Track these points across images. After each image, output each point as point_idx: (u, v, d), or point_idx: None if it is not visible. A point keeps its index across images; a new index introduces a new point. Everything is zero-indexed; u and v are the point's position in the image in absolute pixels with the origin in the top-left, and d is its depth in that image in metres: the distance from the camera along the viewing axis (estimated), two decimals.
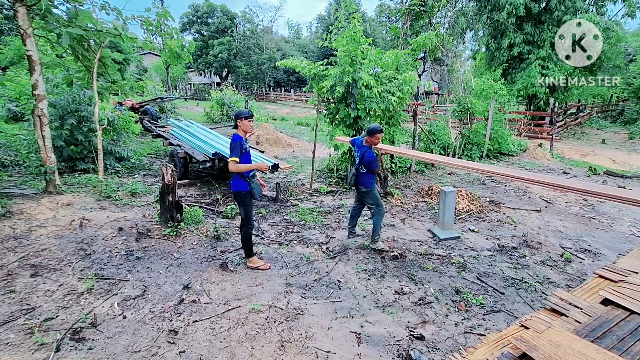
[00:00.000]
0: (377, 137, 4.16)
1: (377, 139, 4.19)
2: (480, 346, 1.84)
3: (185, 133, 7.87)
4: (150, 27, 5.92)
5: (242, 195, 3.73)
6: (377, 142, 4.25)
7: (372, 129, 4.16)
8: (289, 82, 46.76)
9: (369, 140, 4.20)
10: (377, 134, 4.14)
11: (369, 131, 4.18)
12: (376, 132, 4.13)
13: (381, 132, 4.17)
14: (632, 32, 23.89)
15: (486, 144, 10.92)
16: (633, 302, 1.95)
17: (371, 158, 4.17)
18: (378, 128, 4.14)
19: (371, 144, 4.23)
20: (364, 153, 4.20)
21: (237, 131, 3.68)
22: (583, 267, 4.36)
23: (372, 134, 4.15)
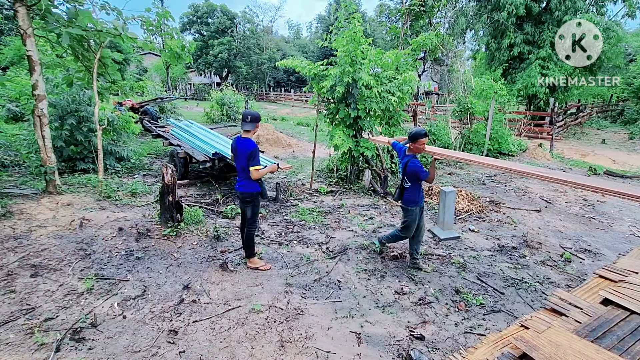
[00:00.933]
0: (421, 142, 3.61)
1: (422, 145, 3.64)
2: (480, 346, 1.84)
3: (185, 133, 7.87)
4: (150, 27, 5.91)
5: (254, 196, 3.76)
6: (423, 148, 3.70)
7: (414, 134, 3.60)
8: (289, 82, 46.76)
9: (413, 148, 3.67)
10: (421, 139, 3.59)
11: (411, 137, 3.65)
12: (419, 136, 3.58)
13: (425, 136, 3.59)
14: (632, 32, 23.89)
15: (486, 144, 10.92)
16: (633, 302, 1.95)
17: (415, 167, 3.57)
18: (421, 132, 3.59)
19: (416, 151, 3.71)
20: (406, 163, 3.66)
21: (251, 135, 3.65)
22: (583, 267, 4.36)
23: (414, 140, 3.61)
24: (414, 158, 3.69)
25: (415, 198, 3.76)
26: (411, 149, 3.71)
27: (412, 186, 3.71)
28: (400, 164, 3.84)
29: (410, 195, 3.76)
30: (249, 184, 3.69)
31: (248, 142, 3.59)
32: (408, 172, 3.65)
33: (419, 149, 3.68)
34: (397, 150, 4.02)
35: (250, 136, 3.65)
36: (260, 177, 3.66)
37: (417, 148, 3.68)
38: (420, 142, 3.61)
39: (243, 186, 3.72)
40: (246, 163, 3.57)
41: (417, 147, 3.67)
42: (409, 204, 3.79)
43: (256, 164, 3.57)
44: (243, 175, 3.69)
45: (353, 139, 6.84)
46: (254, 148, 3.56)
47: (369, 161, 7.24)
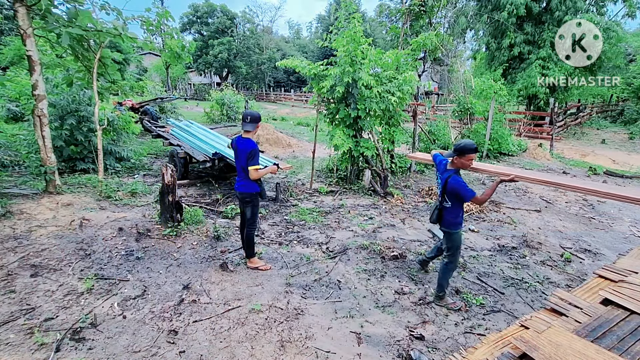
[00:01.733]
0: (469, 157, 3.07)
1: (470, 160, 3.11)
2: (480, 346, 1.84)
3: (185, 133, 7.87)
4: (150, 27, 5.91)
5: (253, 197, 3.76)
6: (469, 165, 3.18)
7: (462, 147, 3.04)
8: (289, 82, 46.75)
9: (458, 162, 3.13)
10: (470, 154, 3.04)
11: (458, 150, 3.07)
12: (468, 150, 3.03)
13: (475, 151, 3.06)
14: (632, 32, 23.89)
15: (486, 144, 10.92)
16: (633, 302, 1.95)
17: (458, 185, 3.03)
18: (472, 146, 3.04)
19: (460, 166, 3.17)
20: (446, 179, 3.11)
21: (251, 135, 3.66)
22: (583, 267, 4.36)
23: (462, 154, 3.06)
24: (456, 174, 3.14)
25: (457, 220, 3.24)
26: (455, 163, 3.16)
27: (453, 206, 3.18)
28: (439, 179, 3.31)
29: (451, 216, 3.22)
30: (248, 184, 3.69)
31: (248, 141, 3.60)
32: (449, 189, 3.10)
33: (465, 164, 3.14)
34: (436, 163, 3.49)
35: (251, 136, 3.66)
36: (260, 177, 3.65)
37: (462, 163, 3.13)
38: (468, 157, 3.07)
39: (242, 186, 3.72)
40: (246, 163, 3.58)
41: (463, 163, 3.12)
42: (451, 227, 3.27)
43: (255, 164, 3.58)
44: (242, 175, 3.69)
45: (353, 139, 6.84)
46: (253, 148, 3.56)
47: (369, 161, 7.24)
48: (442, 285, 3.43)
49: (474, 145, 3.06)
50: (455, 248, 3.34)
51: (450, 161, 3.22)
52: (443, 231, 3.38)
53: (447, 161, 3.28)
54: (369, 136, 7.13)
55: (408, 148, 9.56)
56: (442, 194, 3.21)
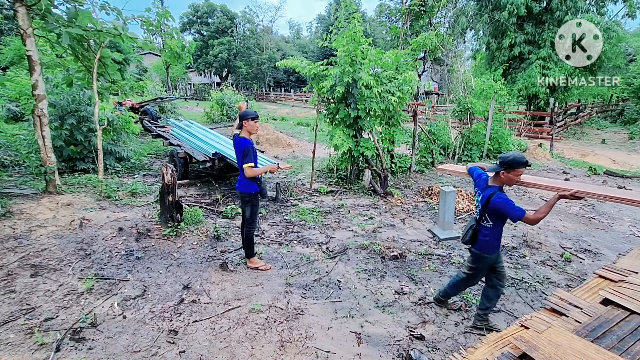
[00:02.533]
0: (518, 172, 2.67)
1: (519, 176, 2.71)
2: (480, 346, 1.84)
3: (185, 133, 7.87)
4: (150, 27, 5.91)
5: (252, 196, 3.74)
6: (517, 180, 2.76)
7: (512, 161, 2.63)
8: (289, 82, 46.75)
9: (505, 178, 2.71)
10: (520, 168, 2.65)
11: (506, 164, 2.65)
12: (518, 164, 2.62)
13: (526, 165, 2.66)
14: (632, 32, 23.89)
15: (486, 144, 10.91)
16: (633, 302, 1.95)
17: (505, 203, 2.62)
18: (521, 159, 2.63)
19: (507, 182, 2.75)
20: (489, 196, 2.72)
21: (242, 132, 3.63)
22: (583, 267, 4.36)
23: (511, 168, 2.64)
24: (501, 191, 2.74)
25: (495, 242, 2.88)
26: (500, 178, 2.74)
27: (494, 227, 2.81)
28: (479, 196, 2.91)
29: (489, 238, 2.84)
30: (247, 183, 3.68)
31: (242, 139, 3.59)
32: (492, 208, 2.71)
33: (513, 180, 2.72)
34: (474, 178, 3.12)
35: (244, 134, 3.63)
36: (255, 175, 3.60)
37: (510, 179, 2.70)
38: (517, 172, 2.66)
39: (241, 185, 3.72)
40: (241, 161, 3.57)
41: (511, 178, 2.70)
42: (485, 250, 2.89)
43: (249, 162, 3.52)
44: (242, 174, 3.68)
45: (353, 139, 6.84)
46: (246, 146, 3.54)
47: (369, 161, 7.24)
48: (451, 290, 3.27)
49: (524, 158, 2.65)
50: (480, 271, 3.03)
51: (494, 176, 2.81)
52: (474, 253, 2.98)
53: (487, 176, 2.90)
54: (369, 136, 7.13)
55: (408, 148, 9.56)
56: (482, 212, 2.83)
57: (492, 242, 2.86)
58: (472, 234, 2.92)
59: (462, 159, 10.53)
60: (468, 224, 3.03)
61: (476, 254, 2.95)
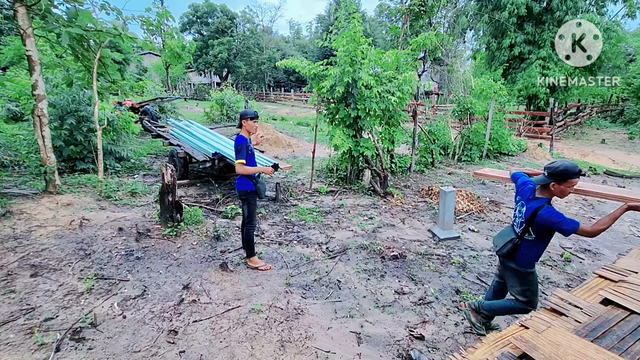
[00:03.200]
0: (572, 183, 2.39)
1: (572, 186, 2.42)
2: (480, 346, 1.84)
3: (185, 133, 7.87)
4: (150, 27, 5.91)
5: (248, 195, 3.76)
6: (570, 192, 2.50)
7: (563, 171, 2.36)
8: (289, 82, 46.75)
9: (556, 190, 2.43)
10: (573, 179, 2.38)
11: (556, 173, 2.38)
12: (571, 174, 2.36)
13: (579, 175, 2.39)
14: (632, 32, 23.89)
15: (486, 144, 10.92)
16: (633, 302, 1.95)
17: (555, 218, 2.36)
18: (575, 169, 2.36)
19: (559, 194, 2.46)
20: (536, 209, 2.44)
21: (241, 132, 3.68)
22: (583, 267, 4.36)
23: (563, 179, 2.37)
24: (549, 204, 2.46)
25: (536, 258, 2.61)
26: (551, 190, 2.46)
27: (538, 240, 2.54)
28: (522, 207, 2.60)
29: (531, 251, 2.58)
30: (243, 181, 3.71)
31: (238, 137, 3.65)
32: (539, 222, 2.43)
33: (565, 192, 2.44)
34: (518, 186, 2.77)
35: (243, 132, 3.68)
36: (246, 173, 3.62)
37: (562, 191, 2.42)
38: (570, 182, 2.39)
39: (239, 184, 3.76)
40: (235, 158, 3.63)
41: (563, 190, 2.42)
42: (527, 266, 2.60)
43: (240, 158, 3.56)
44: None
45: (353, 139, 6.84)
46: (239, 143, 3.58)
47: (369, 161, 7.24)
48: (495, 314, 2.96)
49: (577, 167, 2.36)
50: (534, 292, 2.67)
51: (541, 187, 2.53)
52: (513, 270, 2.66)
53: (534, 186, 2.61)
54: (368, 136, 7.13)
55: (408, 148, 9.56)
56: (527, 226, 2.53)
57: (532, 257, 2.59)
58: (511, 247, 2.62)
59: (462, 159, 10.53)
60: (505, 235, 2.71)
61: (518, 271, 2.64)
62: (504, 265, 2.76)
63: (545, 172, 2.46)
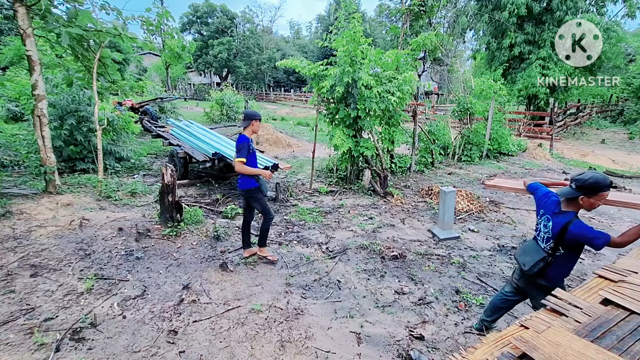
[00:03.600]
0: (602, 196, 2.26)
1: (602, 199, 2.29)
2: (480, 346, 1.84)
3: (185, 133, 7.87)
4: (150, 27, 5.91)
5: (252, 192, 3.81)
6: (599, 205, 2.34)
7: (594, 184, 2.22)
8: (288, 82, 46.77)
9: (585, 203, 2.29)
10: (604, 192, 2.25)
11: (587, 188, 2.24)
12: (603, 188, 2.23)
13: (609, 187, 2.26)
14: (632, 32, 23.90)
15: (486, 144, 10.92)
16: (633, 302, 1.95)
17: (586, 233, 2.24)
18: (605, 182, 2.24)
19: (588, 208, 2.33)
20: (565, 225, 2.31)
21: (244, 131, 3.75)
22: (583, 267, 4.36)
23: (593, 192, 2.24)
24: (577, 217, 2.32)
25: (568, 272, 2.47)
26: (580, 204, 2.30)
27: (568, 255, 2.41)
28: (548, 221, 2.44)
29: (562, 268, 2.44)
30: (245, 180, 3.77)
31: (240, 136, 3.72)
32: (570, 238, 2.29)
33: (595, 205, 2.30)
34: (541, 198, 2.60)
35: (247, 132, 3.75)
36: (244, 172, 3.68)
37: (591, 204, 2.28)
38: (601, 196, 2.25)
39: (241, 183, 3.81)
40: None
41: (593, 204, 2.28)
42: (558, 282, 2.47)
43: (240, 157, 3.62)
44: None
45: (353, 139, 6.84)
46: (241, 142, 3.65)
47: (369, 161, 7.25)
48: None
49: (607, 180, 2.24)
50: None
51: (568, 200, 2.37)
52: (543, 287, 2.48)
53: (559, 198, 2.44)
54: (368, 136, 7.13)
55: (408, 148, 9.56)
56: (557, 242, 2.37)
57: (563, 271, 2.46)
58: (542, 266, 2.45)
59: (462, 159, 10.53)
60: (532, 251, 2.54)
61: (547, 288, 2.43)
62: (530, 281, 2.58)
63: (572, 184, 2.31)
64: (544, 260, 2.44)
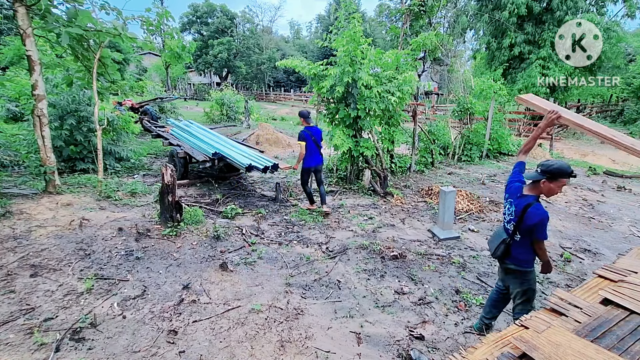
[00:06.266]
0: (562, 183, 2.39)
1: (561, 186, 2.41)
2: (480, 346, 1.84)
3: (185, 133, 7.87)
4: (150, 27, 5.92)
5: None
6: (558, 192, 2.47)
7: (557, 170, 2.36)
8: (288, 82, 46.77)
9: (545, 187, 2.43)
10: (564, 178, 2.38)
11: (549, 172, 2.39)
12: (563, 174, 2.37)
13: (571, 176, 2.39)
14: (632, 32, 23.91)
15: (486, 143, 10.92)
16: (633, 302, 1.95)
17: (540, 221, 2.39)
18: (567, 169, 2.37)
19: (546, 193, 2.46)
20: (524, 207, 2.45)
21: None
22: (583, 267, 4.36)
23: (554, 177, 2.38)
24: (538, 202, 2.47)
25: (530, 256, 2.59)
26: (540, 188, 2.46)
27: (523, 240, 2.54)
28: (511, 205, 2.59)
29: (523, 251, 2.57)
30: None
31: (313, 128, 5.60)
32: (528, 223, 2.43)
33: (553, 191, 2.43)
34: (508, 183, 2.74)
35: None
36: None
37: (550, 189, 2.42)
38: (561, 182, 2.39)
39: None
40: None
41: (552, 189, 2.42)
42: (524, 264, 2.59)
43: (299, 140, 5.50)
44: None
45: (353, 138, 6.84)
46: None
47: (369, 161, 7.24)
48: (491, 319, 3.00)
49: (569, 168, 2.37)
50: (532, 291, 2.63)
51: (531, 184, 2.52)
52: (509, 268, 2.66)
53: (522, 184, 2.60)
54: (368, 136, 7.13)
55: (408, 148, 9.56)
56: (517, 225, 2.51)
57: (527, 255, 2.58)
58: (504, 248, 2.61)
59: (461, 159, 10.53)
60: (497, 236, 2.71)
61: (518, 271, 2.62)
62: (503, 267, 2.74)
63: (538, 169, 2.47)
64: (504, 242, 2.62)
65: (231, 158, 6.23)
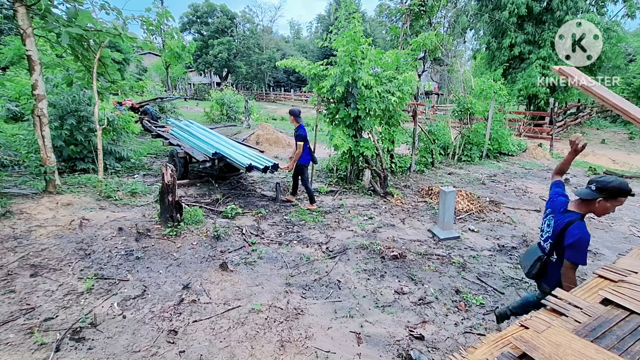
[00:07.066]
0: (620, 201, 2.21)
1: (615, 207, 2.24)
2: (480, 346, 1.84)
3: (185, 133, 7.87)
4: (150, 27, 5.91)
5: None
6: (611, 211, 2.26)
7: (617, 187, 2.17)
8: (289, 82, 46.76)
9: (599, 207, 2.23)
10: (623, 197, 2.20)
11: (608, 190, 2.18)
12: (624, 193, 2.18)
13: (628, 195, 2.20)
14: (632, 32, 23.90)
15: (486, 144, 10.92)
16: (633, 302, 1.95)
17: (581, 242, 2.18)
18: (627, 188, 2.18)
19: (599, 213, 2.27)
20: (566, 224, 2.26)
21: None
22: (583, 267, 4.35)
23: (614, 196, 2.19)
24: (582, 220, 2.24)
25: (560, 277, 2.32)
26: (593, 207, 2.25)
27: (560, 261, 2.32)
28: (551, 220, 2.40)
29: (557, 272, 2.33)
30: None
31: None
32: (571, 241, 2.20)
33: (609, 210, 2.23)
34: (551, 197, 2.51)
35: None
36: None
37: (605, 209, 2.23)
38: (619, 201, 2.20)
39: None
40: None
41: (607, 208, 2.23)
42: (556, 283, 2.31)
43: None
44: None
45: (353, 138, 6.84)
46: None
47: (369, 161, 7.24)
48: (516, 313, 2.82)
49: (628, 186, 2.19)
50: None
51: (581, 201, 2.29)
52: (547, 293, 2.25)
53: (567, 200, 2.39)
54: (368, 136, 7.13)
55: (408, 148, 9.56)
56: (555, 243, 2.32)
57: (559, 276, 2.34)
58: (540, 267, 2.42)
59: (461, 159, 10.53)
60: (532, 253, 2.52)
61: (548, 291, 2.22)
62: (540, 289, 2.54)
63: (592, 186, 2.23)
64: (540, 260, 2.43)
65: (231, 158, 6.23)
